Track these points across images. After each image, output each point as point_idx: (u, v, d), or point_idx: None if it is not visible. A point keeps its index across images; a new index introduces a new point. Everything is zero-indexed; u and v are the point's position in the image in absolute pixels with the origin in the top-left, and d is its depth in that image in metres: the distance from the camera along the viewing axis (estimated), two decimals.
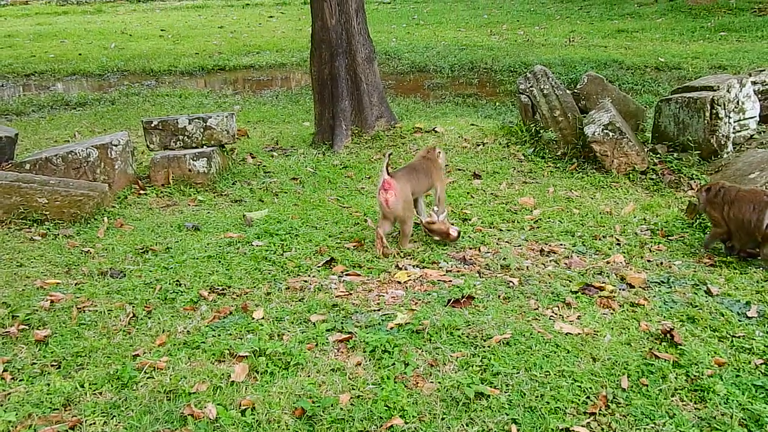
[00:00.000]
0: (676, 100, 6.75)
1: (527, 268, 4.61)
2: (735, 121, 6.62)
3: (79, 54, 16.19)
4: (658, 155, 6.73)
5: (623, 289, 4.24)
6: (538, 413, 3.06)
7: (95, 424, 3.04)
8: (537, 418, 3.03)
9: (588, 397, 3.17)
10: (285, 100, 11.68)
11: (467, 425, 2.99)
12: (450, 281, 4.39)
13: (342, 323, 3.83)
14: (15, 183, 5.52)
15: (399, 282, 4.41)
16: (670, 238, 5.10)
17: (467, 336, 3.65)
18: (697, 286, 4.29)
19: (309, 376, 3.37)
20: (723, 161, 6.37)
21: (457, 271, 4.58)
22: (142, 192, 6.44)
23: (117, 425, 3.03)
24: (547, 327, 3.76)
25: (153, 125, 6.86)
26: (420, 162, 5.23)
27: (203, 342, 3.68)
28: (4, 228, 5.43)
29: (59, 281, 4.51)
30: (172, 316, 4.01)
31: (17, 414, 3.11)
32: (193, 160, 6.61)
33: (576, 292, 4.20)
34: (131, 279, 4.50)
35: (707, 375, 3.30)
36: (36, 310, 4.08)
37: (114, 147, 6.44)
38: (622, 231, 5.30)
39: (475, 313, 3.92)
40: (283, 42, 17.34)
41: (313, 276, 4.52)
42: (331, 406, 3.11)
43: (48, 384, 3.35)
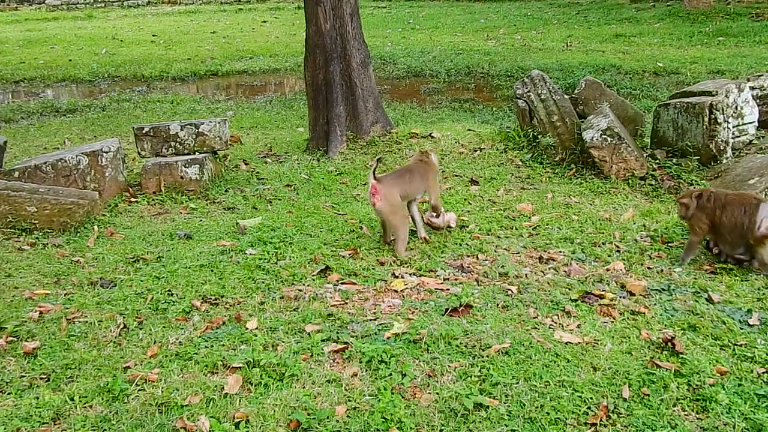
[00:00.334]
0: (674, 105, 6.77)
1: (526, 275, 4.60)
2: (734, 127, 6.64)
3: (70, 60, 16.18)
4: (657, 161, 6.75)
5: (623, 297, 4.24)
6: (538, 424, 3.04)
7: None
8: (537, 429, 3.02)
9: (589, 408, 3.16)
10: (279, 105, 11.68)
11: None
12: (447, 289, 4.38)
13: (338, 333, 3.81)
14: (3, 191, 5.50)
15: (396, 291, 4.39)
16: (670, 244, 5.10)
17: (465, 345, 3.64)
18: (698, 293, 4.29)
19: (304, 387, 3.35)
20: (722, 167, 6.38)
21: (455, 279, 4.57)
22: (133, 200, 6.42)
23: None
24: (547, 336, 3.75)
25: (144, 132, 6.85)
26: (414, 165, 5.30)
27: (196, 353, 3.66)
28: None
29: (48, 292, 4.48)
30: (163, 326, 3.99)
31: (5, 428, 3.08)
32: (185, 167, 6.60)
33: (576, 300, 4.19)
34: (122, 289, 4.48)
35: (709, 384, 3.29)
36: (24, 321, 4.06)
37: (104, 154, 6.42)
38: (621, 238, 5.30)
39: (474, 322, 3.90)
40: (277, 47, 17.35)
41: (308, 285, 4.50)
42: (327, 418, 3.09)
43: (37, 397, 3.32)
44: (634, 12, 19.90)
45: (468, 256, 5.02)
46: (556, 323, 3.93)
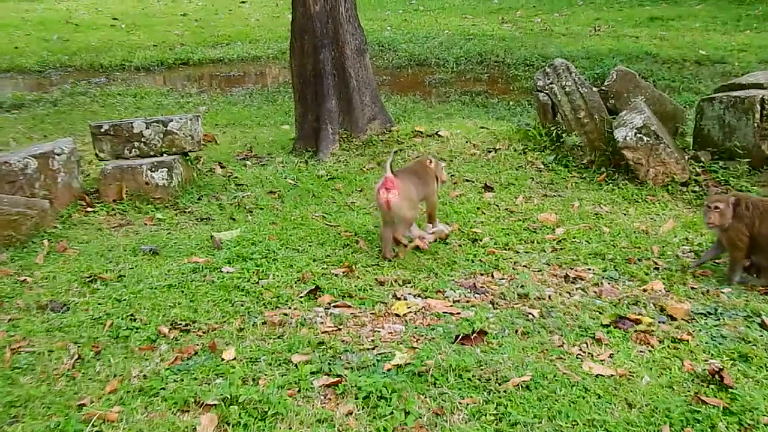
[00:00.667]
0: (720, 99, 6.79)
1: (549, 297, 4.60)
2: None
3: (16, 47, 16.23)
4: (700, 164, 6.77)
5: (663, 322, 4.24)
6: None
7: None
8: None
9: None
10: (260, 99, 11.71)
11: None
12: (458, 313, 4.38)
13: (329, 364, 3.81)
14: None
15: (397, 315, 4.39)
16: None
17: (479, 379, 3.64)
18: (750, 317, 4.29)
19: (290, 428, 3.34)
20: None
21: (467, 302, 4.57)
22: (89, 209, 6.42)
23: None
24: (574, 367, 3.75)
25: (103, 130, 6.86)
26: (419, 167, 5.55)
27: (163, 388, 3.65)
28: None
29: None
30: (125, 357, 3.98)
31: None
32: (151, 171, 6.61)
33: (607, 325, 4.19)
34: (76, 313, 4.47)
35: (763, 423, 3.29)
36: None
37: (56, 156, 6.43)
38: (660, 253, 5.30)
39: (488, 352, 3.90)
40: (258, 31, 17.43)
41: (295, 308, 4.50)
42: None
43: None
44: None
45: (482, 274, 5.02)
46: (584, 352, 3.93)
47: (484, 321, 4.22)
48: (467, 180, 7.03)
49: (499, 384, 3.60)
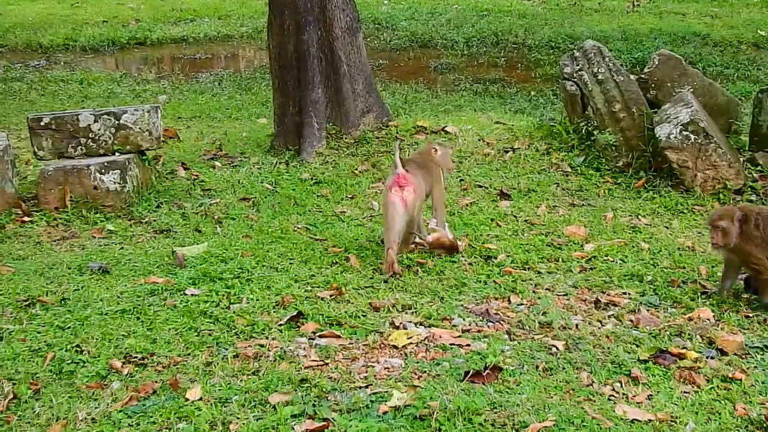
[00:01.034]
0: None
1: (577, 326, 4.62)
2: None
3: None
4: (758, 167, 6.81)
5: (712, 357, 4.26)
6: None
7: None
8: None
9: None
10: (231, 87, 11.72)
11: None
12: (467, 345, 4.39)
13: (314, 406, 3.82)
14: None
15: (395, 346, 4.40)
16: None
17: (492, 424, 3.66)
18: None
19: None
20: None
21: (478, 331, 4.59)
22: (26, 219, 6.42)
23: None
24: (606, 411, 3.77)
25: (43, 124, 6.87)
26: (424, 158, 5.79)
27: None
28: None
29: None
30: (69, 396, 3.98)
31: None
32: (101, 173, 6.62)
33: (645, 361, 4.21)
34: (11, 344, 4.48)
35: None
36: None
37: None
38: (709, 274, 5.33)
39: (504, 392, 3.92)
40: (229, 5, 17.44)
41: (273, 338, 4.51)
42: None
43: None
44: None
45: (496, 298, 5.04)
46: (618, 393, 3.95)
47: (498, 355, 4.23)
48: (479, 186, 7.05)
49: (517, 431, 3.62)
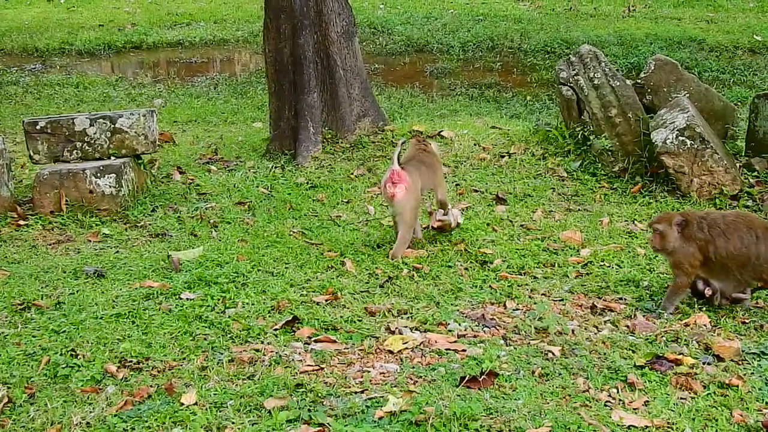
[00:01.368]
0: None
1: (573, 332, 4.62)
2: None
3: None
4: (754, 173, 6.81)
5: (708, 363, 4.26)
6: None
7: None
8: None
9: None
10: (227, 91, 11.73)
11: None
12: (463, 351, 4.39)
13: (310, 411, 3.81)
14: None
15: (391, 351, 4.39)
16: None
17: (488, 430, 3.65)
18: None
19: None
20: None
21: (474, 336, 4.59)
22: (22, 223, 6.42)
23: None
24: (602, 417, 3.77)
25: (39, 128, 6.87)
26: (422, 155, 6.03)
27: None
28: None
29: None
30: (64, 400, 3.98)
31: None
32: (96, 177, 6.62)
33: (642, 366, 4.21)
34: (6, 348, 4.47)
35: None
36: None
37: None
38: None
39: (500, 397, 3.92)
40: (225, 9, 17.45)
41: (268, 343, 4.51)
42: None
43: None
44: None
45: (492, 303, 5.04)
46: (614, 399, 3.94)
47: (494, 360, 4.23)
48: (475, 190, 7.05)
49: None
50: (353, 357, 4.36)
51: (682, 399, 3.95)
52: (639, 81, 7.51)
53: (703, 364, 4.25)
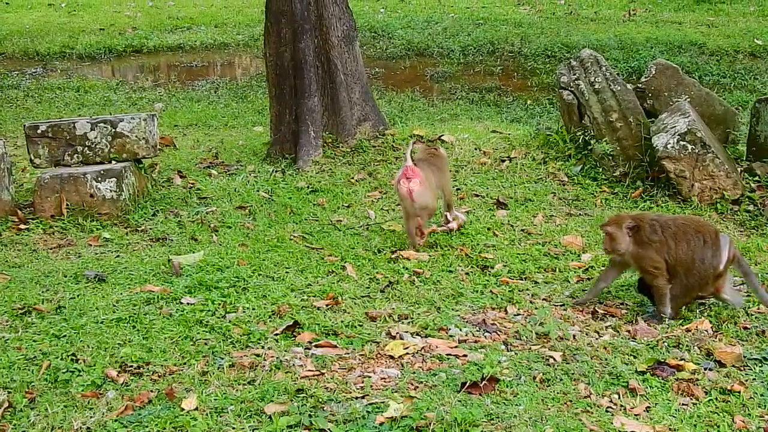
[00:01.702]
0: None
1: (574, 337, 4.62)
2: None
3: None
4: (756, 177, 6.81)
5: (710, 369, 4.26)
6: None
7: None
8: None
9: None
10: (228, 95, 11.73)
11: None
12: (464, 356, 4.39)
13: (310, 416, 3.81)
14: None
15: (392, 357, 4.39)
16: None
17: None
18: None
19: None
20: None
21: (475, 342, 4.59)
22: (23, 226, 6.42)
23: None
24: (604, 423, 3.77)
25: (40, 132, 6.87)
26: (431, 158, 6.27)
27: None
28: None
29: None
30: (65, 405, 3.97)
31: None
32: (97, 181, 6.62)
33: (643, 372, 4.21)
34: (6, 352, 4.47)
35: None
36: None
37: None
38: None
39: (501, 403, 3.92)
40: (225, 13, 17.46)
41: (269, 348, 4.50)
42: None
43: None
44: None
45: (493, 308, 5.04)
46: (615, 405, 3.94)
47: (495, 365, 4.23)
48: (476, 195, 7.06)
49: None
50: (354, 362, 4.36)
51: (683, 405, 3.94)
52: (640, 85, 7.51)
53: (705, 369, 4.25)
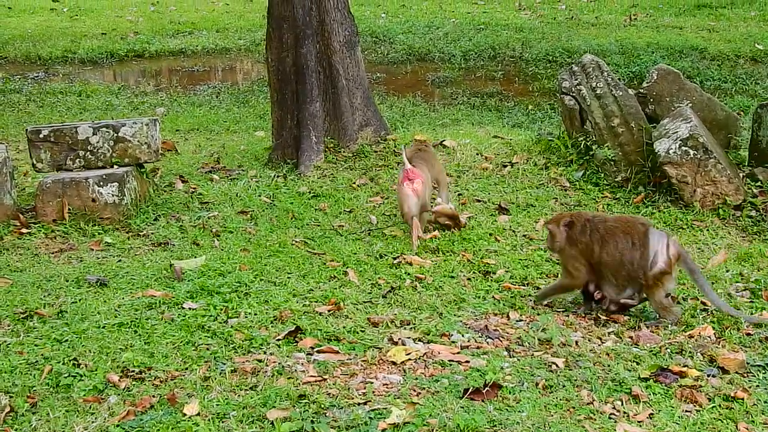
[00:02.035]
0: None
1: (577, 343, 4.62)
2: None
3: None
4: (758, 183, 6.81)
5: (713, 376, 4.25)
6: None
7: None
8: None
9: None
10: (229, 100, 11.74)
11: None
12: (466, 362, 4.38)
13: (312, 422, 3.81)
14: None
15: (394, 362, 4.39)
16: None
17: None
18: None
19: None
20: None
21: (477, 348, 4.58)
22: (24, 231, 6.42)
23: None
24: (607, 430, 3.76)
25: (42, 136, 6.87)
26: (421, 153, 6.61)
27: None
28: None
29: None
30: (66, 410, 3.97)
31: None
32: (99, 185, 6.62)
33: (646, 379, 4.20)
34: (8, 356, 4.46)
35: None
36: None
37: None
38: None
39: (503, 409, 3.91)
40: (227, 18, 17.49)
41: (271, 353, 4.50)
42: None
43: None
44: None
45: (495, 314, 5.03)
46: (618, 411, 3.93)
47: (498, 372, 4.23)
48: (478, 200, 7.05)
49: None
50: (356, 368, 4.35)
51: (687, 412, 3.94)
52: (641, 90, 7.52)
53: (708, 376, 4.24)
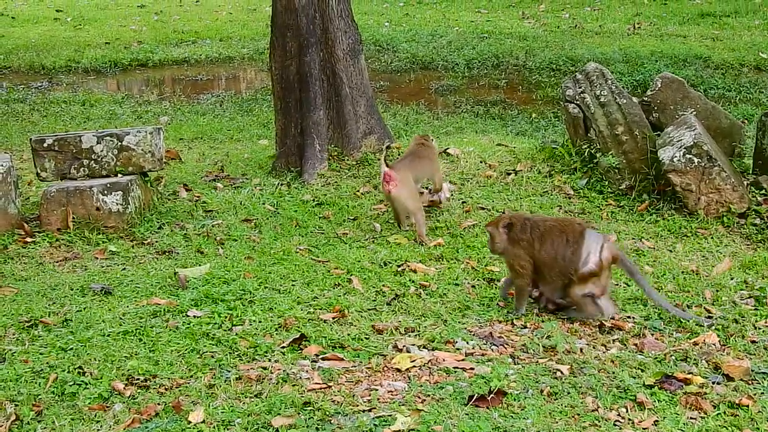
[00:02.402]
0: None
1: (581, 350, 4.62)
2: None
3: None
4: (762, 191, 6.81)
5: (718, 383, 4.25)
6: None
7: None
8: None
9: None
10: (233, 108, 11.75)
11: None
12: (471, 369, 4.39)
13: (317, 429, 3.81)
14: None
15: (399, 369, 4.40)
16: None
17: None
18: None
19: None
20: None
21: (482, 354, 4.59)
22: (29, 240, 6.44)
23: None
24: None
25: (46, 145, 6.89)
26: (417, 149, 6.91)
27: None
28: None
29: None
30: (72, 418, 3.98)
31: None
32: (103, 194, 6.63)
33: (651, 386, 4.20)
34: (13, 365, 4.48)
35: None
36: None
37: None
38: (714, 298, 5.33)
39: (508, 416, 3.91)
40: (231, 27, 17.53)
41: (276, 361, 4.51)
42: None
43: None
44: None
45: (500, 321, 5.03)
46: (623, 419, 3.94)
47: (502, 378, 4.23)
48: (482, 208, 7.06)
49: None
50: (361, 375, 4.37)
51: (691, 419, 3.94)
52: (645, 99, 7.52)
53: (713, 383, 4.24)
